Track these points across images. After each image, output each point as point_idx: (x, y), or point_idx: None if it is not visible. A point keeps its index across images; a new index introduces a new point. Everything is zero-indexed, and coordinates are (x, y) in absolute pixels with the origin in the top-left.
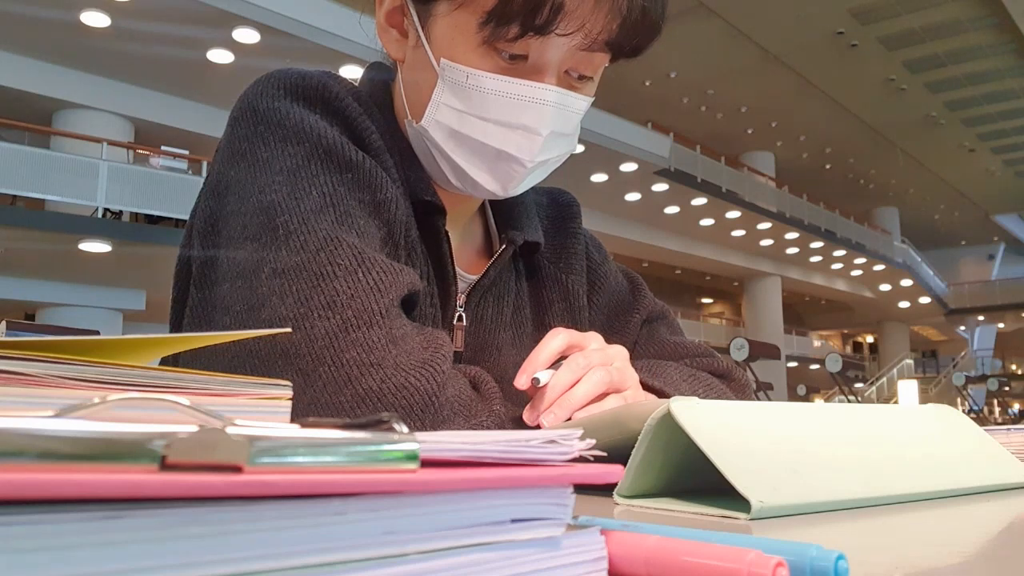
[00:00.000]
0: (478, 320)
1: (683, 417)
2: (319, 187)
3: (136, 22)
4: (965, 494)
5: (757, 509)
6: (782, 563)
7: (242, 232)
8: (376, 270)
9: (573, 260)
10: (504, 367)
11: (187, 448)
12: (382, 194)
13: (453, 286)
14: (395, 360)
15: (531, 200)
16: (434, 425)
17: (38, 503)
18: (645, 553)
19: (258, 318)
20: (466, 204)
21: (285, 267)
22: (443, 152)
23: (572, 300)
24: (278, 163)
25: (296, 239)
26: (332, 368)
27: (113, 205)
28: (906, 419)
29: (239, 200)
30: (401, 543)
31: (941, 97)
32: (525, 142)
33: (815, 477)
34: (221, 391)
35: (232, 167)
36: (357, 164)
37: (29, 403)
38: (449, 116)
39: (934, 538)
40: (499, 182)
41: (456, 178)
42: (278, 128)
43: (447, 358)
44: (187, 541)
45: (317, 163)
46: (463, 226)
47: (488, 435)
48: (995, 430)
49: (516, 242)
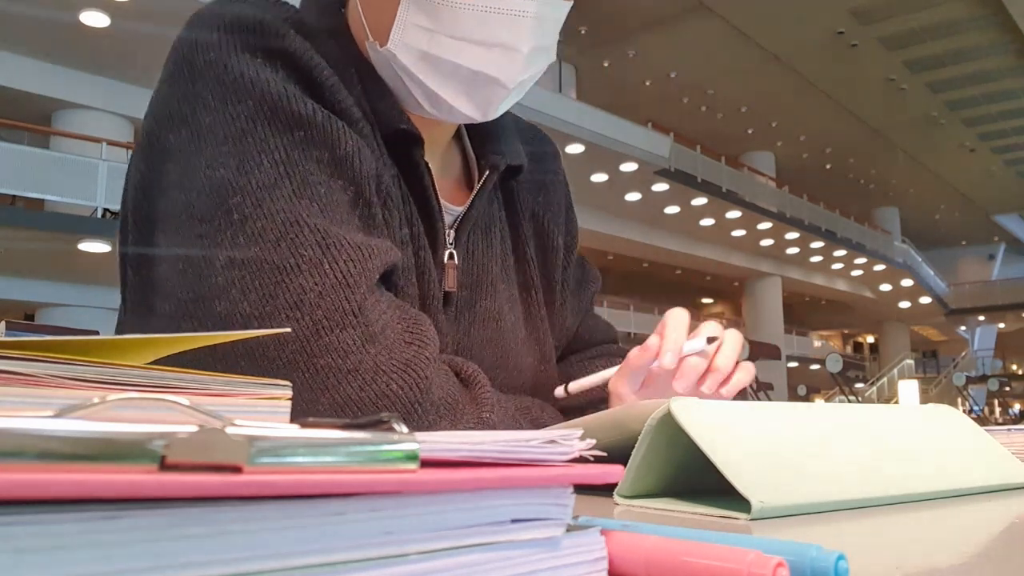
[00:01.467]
0: (469, 256)
1: (683, 417)
2: (269, 154)
3: (136, 22)
4: (966, 494)
5: (758, 509)
6: (782, 563)
7: (186, 210)
8: (344, 257)
9: (553, 199)
10: (499, 306)
11: (187, 448)
12: (342, 149)
13: (440, 222)
14: (374, 363)
15: (509, 120)
16: (418, 431)
17: (38, 503)
18: (645, 553)
19: (210, 311)
20: (442, 128)
21: (243, 258)
22: (413, 77)
23: (545, 239)
24: (222, 129)
25: (252, 225)
26: (306, 374)
27: (113, 205)
28: (907, 419)
29: (181, 172)
30: (401, 543)
31: (941, 97)
32: (505, 61)
33: (816, 477)
34: (221, 391)
35: (171, 130)
36: (307, 119)
37: (29, 403)
38: (418, 37)
39: (935, 538)
40: (478, 107)
41: (430, 104)
42: (217, 86)
43: (430, 357)
44: (187, 541)
45: (264, 124)
46: (441, 154)
47: (488, 435)
48: (996, 430)
49: (499, 167)
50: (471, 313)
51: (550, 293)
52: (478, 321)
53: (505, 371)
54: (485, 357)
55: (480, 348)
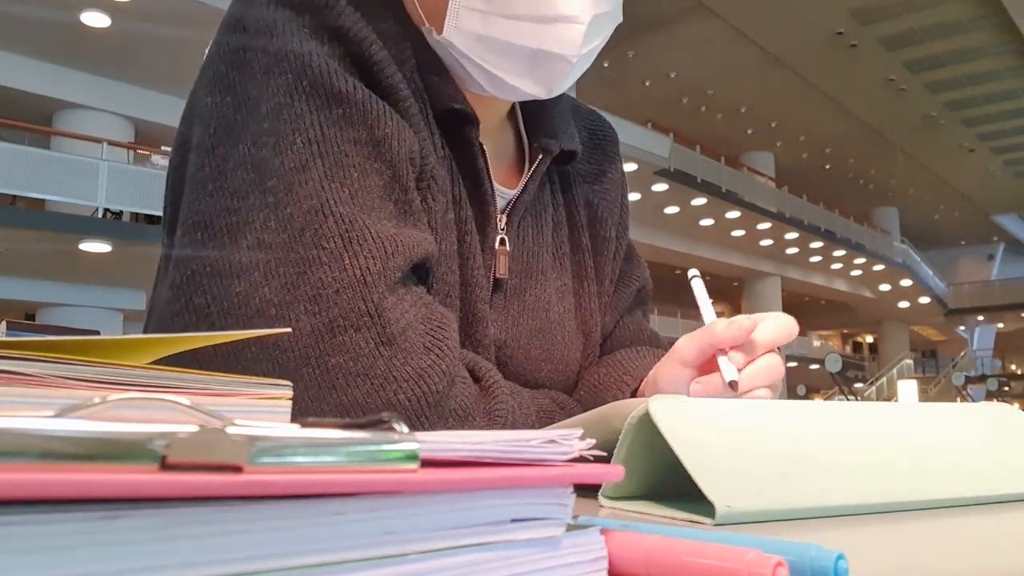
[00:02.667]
0: (520, 242)
1: (660, 416)
2: (303, 132)
3: (136, 22)
4: (995, 502)
5: (723, 514)
6: (782, 563)
7: (218, 180)
8: (366, 252)
9: (610, 188)
10: (549, 295)
11: (187, 448)
12: (380, 130)
13: (492, 206)
14: (385, 368)
15: (567, 103)
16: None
17: (38, 503)
18: (645, 553)
19: (228, 290)
20: (496, 107)
21: (271, 242)
22: (472, 61)
23: (598, 228)
24: (264, 103)
25: (283, 211)
26: (316, 371)
27: (113, 205)
28: (952, 419)
29: (218, 140)
30: (401, 543)
31: (941, 97)
32: (566, 35)
33: (808, 481)
34: (221, 391)
35: (217, 95)
36: (347, 96)
37: (29, 403)
38: (472, 20)
39: (941, 544)
40: (541, 84)
41: (491, 85)
42: (263, 55)
43: (446, 371)
44: (187, 541)
45: (301, 98)
46: (494, 135)
47: (488, 435)
48: None
49: (552, 151)
50: (520, 302)
51: (600, 285)
52: (527, 310)
53: (550, 364)
54: (532, 348)
55: (528, 339)
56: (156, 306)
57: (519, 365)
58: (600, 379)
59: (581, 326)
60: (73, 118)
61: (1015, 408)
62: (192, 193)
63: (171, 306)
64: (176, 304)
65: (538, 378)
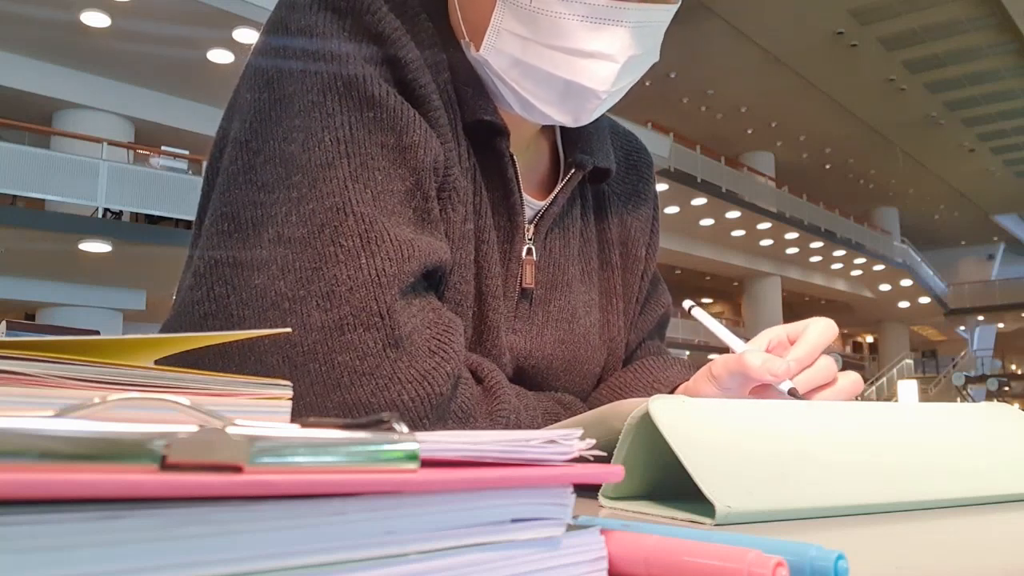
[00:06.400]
0: (547, 253)
1: (660, 416)
2: (333, 130)
3: (136, 22)
4: (996, 502)
5: (723, 515)
6: (782, 563)
7: (248, 173)
8: (382, 253)
9: (643, 207)
10: (574, 308)
11: (187, 448)
12: (408, 137)
13: (520, 216)
14: (391, 369)
15: (605, 123)
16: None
17: (38, 503)
18: (645, 553)
19: (248, 281)
20: (528, 122)
21: (291, 237)
22: (506, 82)
23: (630, 247)
24: (298, 100)
25: (305, 206)
26: (323, 367)
27: (113, 205)
28: (952, 419)
29: (252, 134)
30: (401, 543)
31: (941, 97)
32: (600, 70)
33: (808, 481)
34: (221, 391)
35: (256, 91)
36: (379, 101)
37: (29, 403)
38: (511, 43)
39: (942, 543)
40: (570, 114)
41: (521, 107)
42: (302, 54)
43: (451, 373)
44: (187, 541)
45: (335, 98)
46: (527, 147)
47: (488, 435)
48: None
49: (585, 166)
50: (545, 312)
51: (628, 303)
52: (552, 321)
53: (569, 375)
54: (555, 358)
55: (552, 348)
56: (180, 290)
57: (540, 374)
58: (627, 382)
59: (607, 341)
60: (73, 118)
61: (1015, 408)
62: (224, 185)
63: (193, 293)
64: (198, 292)
65: (556, 388)
